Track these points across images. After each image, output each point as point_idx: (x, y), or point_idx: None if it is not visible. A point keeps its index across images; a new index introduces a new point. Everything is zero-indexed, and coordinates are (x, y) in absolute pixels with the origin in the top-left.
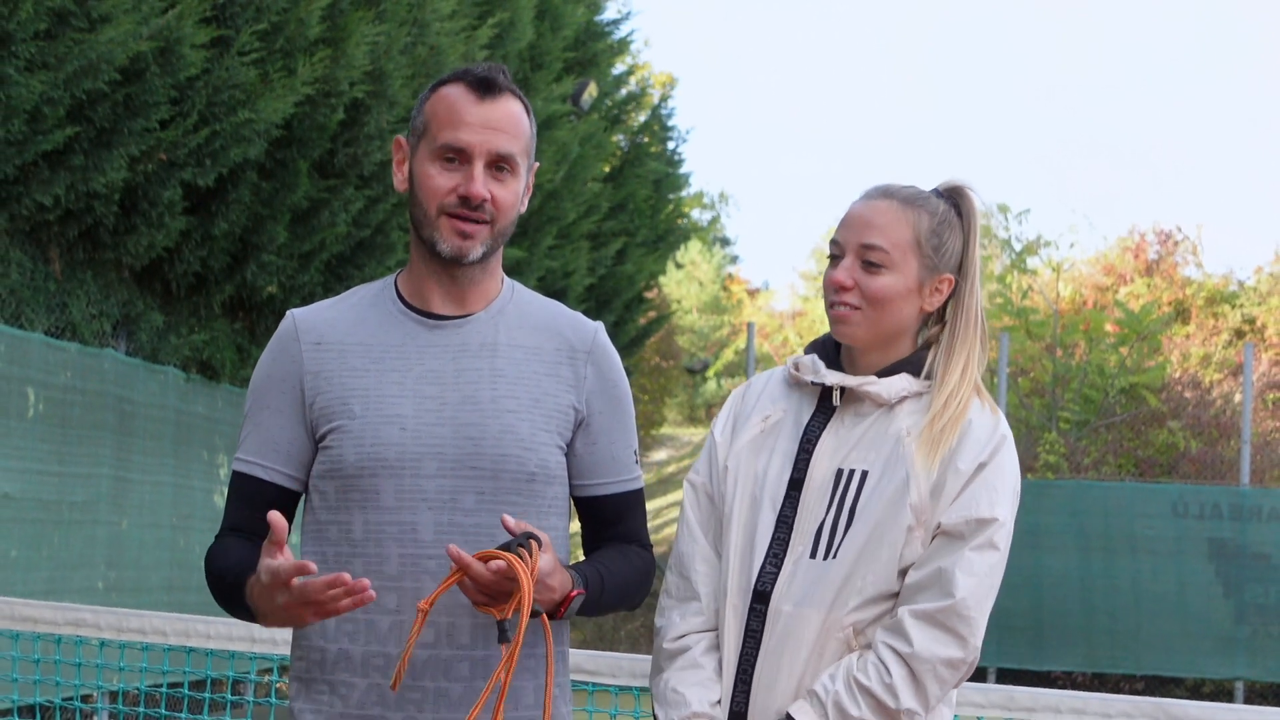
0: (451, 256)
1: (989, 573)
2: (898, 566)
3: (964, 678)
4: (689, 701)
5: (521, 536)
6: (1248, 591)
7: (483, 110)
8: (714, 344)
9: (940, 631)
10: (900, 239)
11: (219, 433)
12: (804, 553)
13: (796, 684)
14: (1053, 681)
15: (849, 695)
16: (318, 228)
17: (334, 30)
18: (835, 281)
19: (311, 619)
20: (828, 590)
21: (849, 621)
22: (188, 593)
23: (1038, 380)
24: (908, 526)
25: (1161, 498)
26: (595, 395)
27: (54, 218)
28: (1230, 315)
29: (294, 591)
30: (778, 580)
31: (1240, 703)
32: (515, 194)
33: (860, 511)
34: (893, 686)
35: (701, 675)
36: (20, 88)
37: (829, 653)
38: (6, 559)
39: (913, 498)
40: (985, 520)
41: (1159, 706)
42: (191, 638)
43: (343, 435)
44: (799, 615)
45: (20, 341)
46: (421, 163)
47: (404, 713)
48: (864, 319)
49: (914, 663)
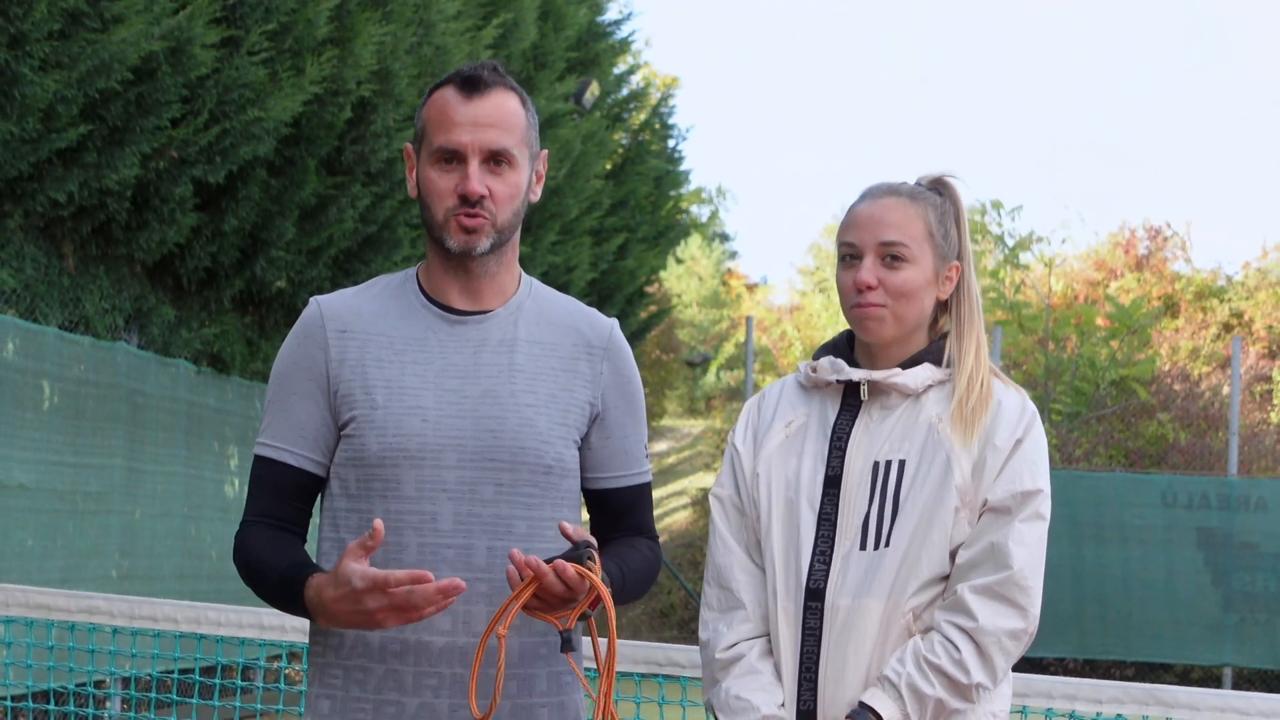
0: (460, 251)
1: (1038, 542)
2: (949, 548)
3: (1025, 649)
4: (757, 706)
5: (583, 546)
6: (1235, 580)
7: (471, 109)
8: (713, 337)
9: (1001, 604)
10: (916, 232)
11: (229, 424)
12: (853, 546)
13: (865, 674)
14: (1045, 668)
15: (921, 676)
16: (325, 224)
17: (341, 30)
18: (861, 282)
19: (393, 624)
20: (885, 579)
21: (909, 607)
22: (199, 581)
23: (1030, 373)
24: (954, 508)
25: (1151, 488)
26: (611, 391)
27: (68, 214)
28: (1218, 309)
29: (394, 597)
30: (829, 576)
31: (1228, 688)
32: (515, 186)
33: (905, 499)
34: (962, 662)
35: (762, 680)
36: (34, 87)
37: (893, 640)
38: (23, 548)
39: (957, 480)
40: (1030, 492)
41: (1149, 692)
42: (202, 625)
43: (366, 424)
44: (859, 607)
45: (35, 335)
46: (424, 168)
47: (420, 698)
48: (891, 314)
49: (980, 637)
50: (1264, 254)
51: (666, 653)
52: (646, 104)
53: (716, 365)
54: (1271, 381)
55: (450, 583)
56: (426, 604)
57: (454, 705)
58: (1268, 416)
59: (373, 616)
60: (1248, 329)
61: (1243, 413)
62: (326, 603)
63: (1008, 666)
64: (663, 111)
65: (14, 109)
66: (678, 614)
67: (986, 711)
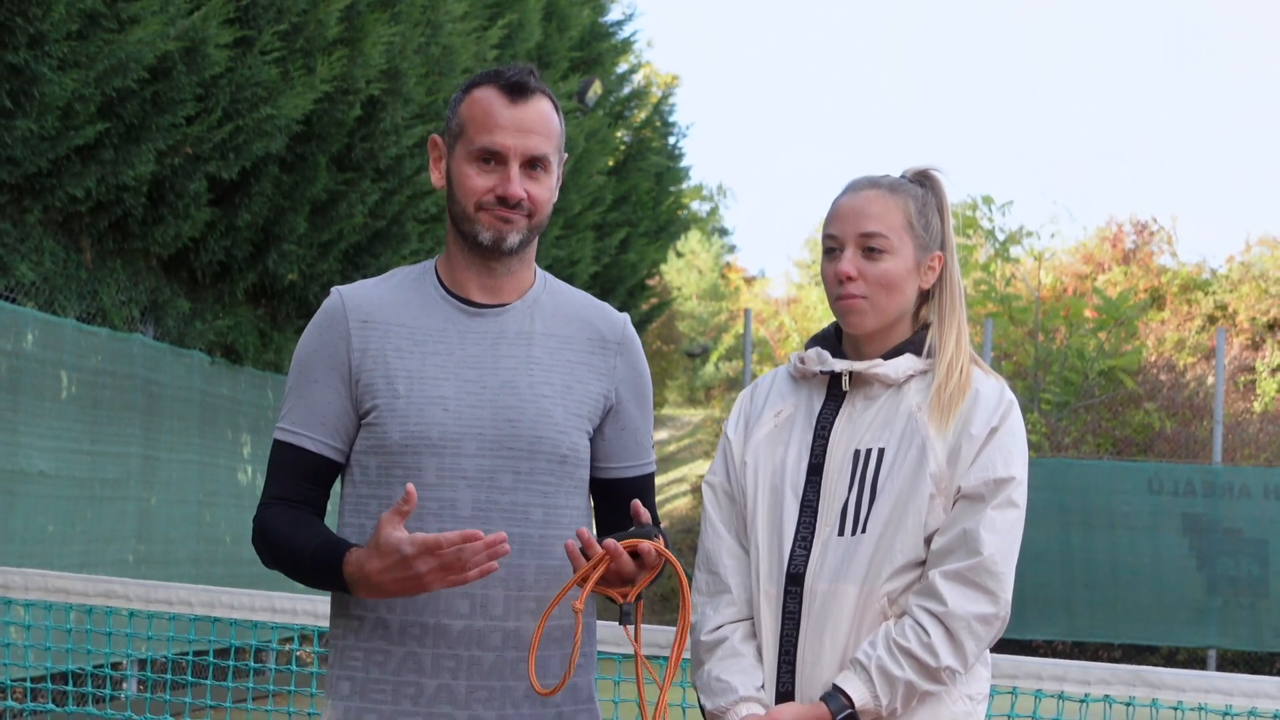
0: (491, 244)
1: (1011, 529)
2: (924, 535)
3: (997, 634)
4: (735, 688)
5: (651, 527)
6: (1219, 564)
7: (515, 113)
8: (712, 329)
9: (971, 589)
10: (895, 223)
11: (242, 413)
12: (831, 532)
13: (840, 656)
14: (1034, 650)
15: (891, 659)
16: (336, 218)
17: (351, 31)
18: (841, 273)
19: (440, 585)
20: (860, 564)
21: (883, 592)
22: (213, 565)
23: (1020, 364)
24: (929, 495)
25: (1137, 475)
26: (624, 384)
27: (85, 209)
28: (1203, 302)
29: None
30: (809, 561)
31: (1212, 670)
32: (550, 189)
33: (882, 486)
34: (931, 646)
35: (743, 662)
36: (53, 85)
37: (867, 623)
38: (43, 534)
39: (931, 467)
40: (1003, 480)
41: (1135, 674)
42: (216, 608)
43: (388, 414)
44: (835, 591)
45: (54, 327)
46: (459, 163)
47: (438, 679)
48: (871, 305)
49: (949, 621)
50: (1247, 248)
51: (669, 636)
52: (648, 102)
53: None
54: (1254, 372)
55: (497, 536)
56: (475, 562)
57: (471, 686)
58: (1251, 406)
59: (422, 579)
60: (1231, 321)
61: (1226, 402)
62: (370, 574)
63: (979, 651)
64: (663, 109)
65: (33, 107)
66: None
67: (962, 694)
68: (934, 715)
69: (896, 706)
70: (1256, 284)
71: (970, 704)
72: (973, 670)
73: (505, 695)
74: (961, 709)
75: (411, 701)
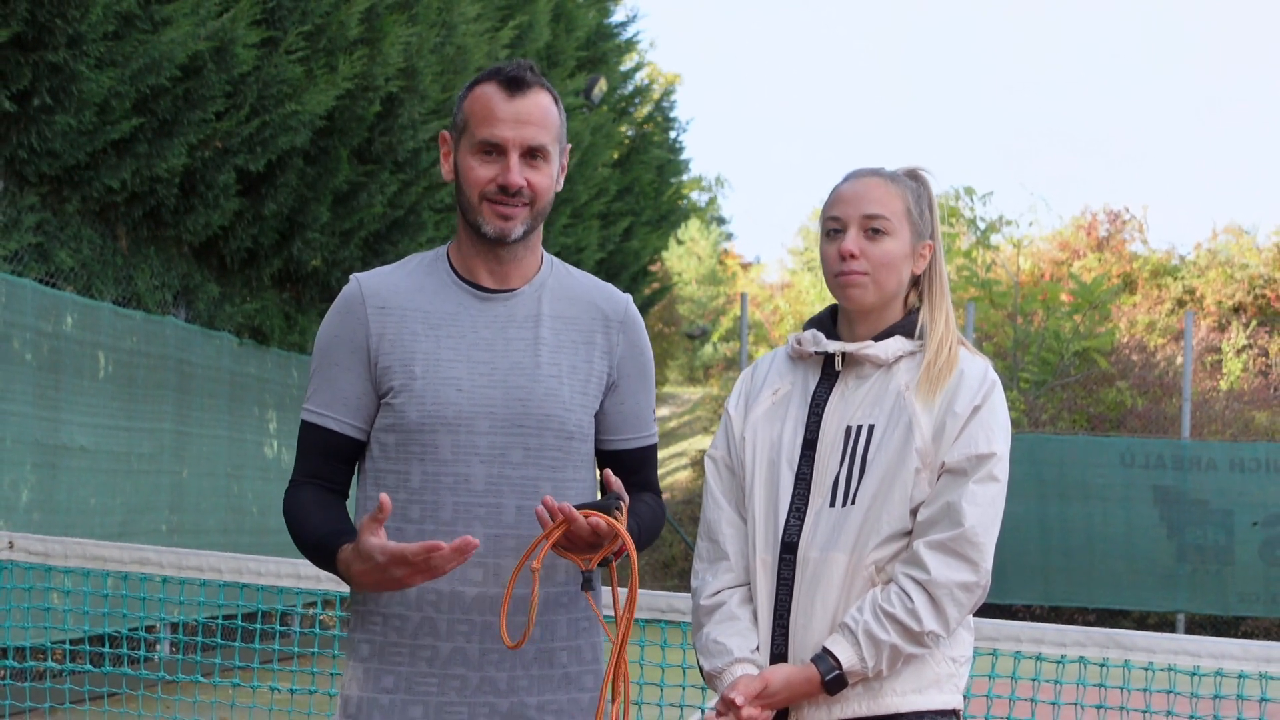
0: (496, 237)
1: (991, 502)
2: (909, 507)
3: (979, 601)
4: (731, 650)
5: (613, 498)
6: (1188, 534)
7: (513, 106)
8: (711, 312)
9: (953, 558)
10: (896, 209)
11: (269, 391)
12: (823, 504)
13: (830, 621)
14: (1014, 614)
15: (877, 623)
16: (356, 208)
17: (371, 31)
18: (845, 250)
19: (419, 582)
20: (849, 534)
21: (871, 560)
22: (241, 535)
23: (1000, 345)
24: (915, 469)
25: (1111, 450)
26: (625, 360)
27: (121, 199)
28: (1172, 286)
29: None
30: (802, 530)
31: (1181, 633)
32: (550, 177)
33: (871, 461)
34: (915, 611)
35: (739, 626)
36: (91, 83)
37: (856, 590)
38: (86, 505)
39: (917, 442)
40: (984, 455)
41: (1109, 636)
42: (244, 575)
43: (406, 394)
44: (826, 559)
45: (91, 310)
46: (464, 156)
47: (453, 643)
48: (871, 282)
49: (932, 588)
50: (1214, 235)
51: (669, 600)
52: (650, 99)
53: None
54: (1220, 352)
55: (461, 542)
56: (446, 564)
57: (484, 649)
58: (1217, 384)
59: (400, 581)
60: (1199, 304)
61: (1195, 381)
62: (355, 574)
63: (961, 616)
64: (665, 105)
65: (72, 103)
66: (679, 565)
67: (945, 656)
68: (919, 676)
69: (882, 668)
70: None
71: (954, 665)
72: (956, 634)
73: (516, 658)
74: (945, 670)
75: (427, 663)
